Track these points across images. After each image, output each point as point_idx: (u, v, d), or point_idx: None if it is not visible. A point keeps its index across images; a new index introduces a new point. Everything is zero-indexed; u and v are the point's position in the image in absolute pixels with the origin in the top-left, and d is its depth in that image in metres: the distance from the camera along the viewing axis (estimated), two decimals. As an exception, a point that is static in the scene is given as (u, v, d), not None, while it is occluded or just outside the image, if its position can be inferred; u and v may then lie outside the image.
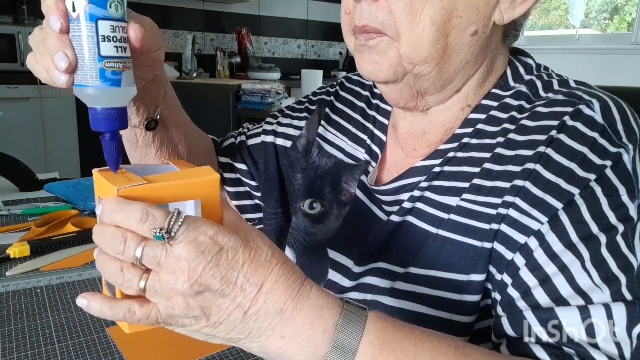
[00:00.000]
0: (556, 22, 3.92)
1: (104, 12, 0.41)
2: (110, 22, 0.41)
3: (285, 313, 0.39)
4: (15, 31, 2.73)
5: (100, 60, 0.42)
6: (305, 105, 0.77)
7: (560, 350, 0.45)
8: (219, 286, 0.37)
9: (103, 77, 0.42)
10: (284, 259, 0.41)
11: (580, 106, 0.50)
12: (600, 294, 0.45)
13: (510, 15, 0.53)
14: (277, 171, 0.75)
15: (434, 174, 0.57)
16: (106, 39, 0.41)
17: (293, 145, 0.74)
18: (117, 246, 0.37)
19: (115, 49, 0.42)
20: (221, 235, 0.37)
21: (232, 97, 2.69)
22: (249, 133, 0.79)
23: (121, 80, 0.43)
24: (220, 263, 0.37)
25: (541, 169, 0.48)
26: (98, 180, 0.41)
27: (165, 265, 0.36)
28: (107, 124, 0.44)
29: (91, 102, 0.44)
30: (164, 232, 0.36)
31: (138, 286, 0.37)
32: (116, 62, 0.42)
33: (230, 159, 0.78)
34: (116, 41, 0.42)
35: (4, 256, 0.84)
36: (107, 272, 0.38)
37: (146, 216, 0.36)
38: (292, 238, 0.70)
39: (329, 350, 0.39)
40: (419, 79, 0.55)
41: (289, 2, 4.41)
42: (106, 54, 0.42)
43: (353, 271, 0.61)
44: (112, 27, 0.42)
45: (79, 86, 0.43)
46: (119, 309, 0.38)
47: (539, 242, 0.47)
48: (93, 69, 0.42)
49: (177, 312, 0.38)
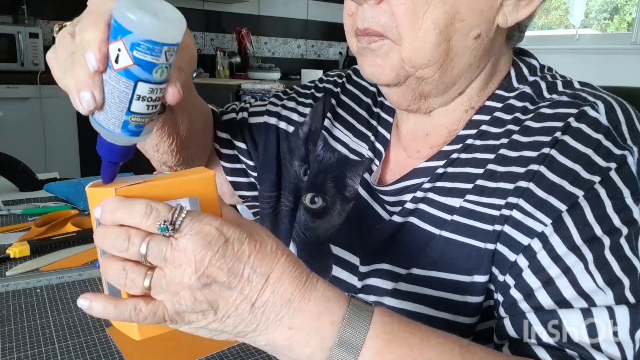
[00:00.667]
0: (556, 22, 3.92)
1: (146, 75, 0.38)
2: (150, 85, 0.38)
3: (293, 304, 0.39)
4: (15, 31, 2.72)
5: (127, 114, 0.39)
6: (312, 91, 0.76)
7: (563, 352, 0.45)
8: (225, 278, 0.37)
9: (125, 128, 0.40)
10: (289, 251, 0.41)
11: (585, 108, 0.50)
12: (603, 296, 0.45)
13: (514, 18, 0.53)
14: (276, 154, 0.74)
15: (438, 175, 0.56)
16: (141, 99, 0.39)
17: (295, 132, 0.74)
18: (121, 244, 0.36)
19: (146, 107, 0.40)
20: (226, 227, 0.37)
21: (232, 97, 2.69)
22: (252, 110, 0.77)
23: (142, 132, 0.41)
24: (227, 254, 0.37)
25: (545, 170, 0.48)
26: (92, 194, 0.40)
27: (170, 260, 0.36)
28: (111, 155, 0.42)
29: (104, 137, 0.42)
30: (168, 224, 0.35)
31: (143, 284, 0.37)
32: (143, 117, 0.40)
33: (229, 135, 0.76)
34: (150, 101, 0.40)
35: (4, 256, 0.83)
36: (110, 274, 0.37)
37: (150, 210, 0.36)
38: (294, 232, 0.69)
39: (335, 342, 0.39)
40: (421, 82, 0.54)
41: (289, 2, 4.41)
42: (136, 110, 0.39)
43: (360, 270, 0.61)
44: (151, 90, 0.39)
45: (98, 124, 0.41)
46: (124, 307, 0.37)
47: (542, 244, 0.47)
48: (118, 118, 0.39)
49: (185, 307, 0.37)
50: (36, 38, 2.78)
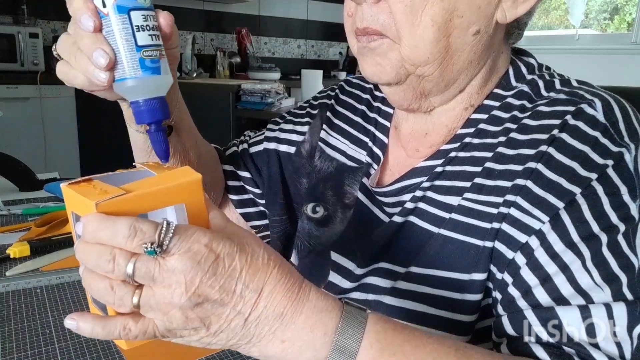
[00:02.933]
0: (556, 22, 3.92)
1: (133, 2, 0.41)
2: (142, 12, 0.42)
3: (286, 317, 0.38)
4: (15, 31, 2.72)
5: (138, 50, 0.42)
6: (307, 110, 0.77)
7: (561, 350, 0.45)
8: (218, 296, 0.36)
9: (144, 66, 0.42)
10: (281, 260, 0.40)
11: (582, 105, 0.50)
12: (601, 293, 0.45)
13: (513, 13, 0.53)
14: (281, 178, 0.75)
15: (436, 173, 0.57)
16: (140, 29, 0.42)
17: (297, 151, 0.74)
18: (105, 265, 0.34)
19: (150, 38, 0.43)
20: (216, 243, 0.36)
21: (232, 97, 2.69)
22: (251, 141, 0.79)
23: (160, 68, 0.44)
24: (218, 272, 0.36)
25: (543, 168, 0.48)
26: (69, 195, 0.37)
27: (159, 280, 0.35)
28: (152, 115, 0.44)
29: (133, 95, 0.44)
30: (155, 246, 0.34)
31: (132, 303, 0.35)
32: (153, 50, 0.43)
33: (233, 166, 0.77)
34: (150, 30, 0.43)
35: (4, 256, 0.84)
36: (96, 291, 0.36)
37: (134, 232, 0.33)
38: (298, 241, 0.69)
39: (329, 353, 0.39)
40: (422, 80, 0.55)
41: (289, 2, 4.41)
42: (143, 43, 0.42)
43: (355, 273, 0.61)
44: (144, 17, 0.42)
45: (119, 81, 0.43)
46: (113, 327, 0.36)
47: (540, 242, 0.47)
48: (133, 59, 0.42)
49: (176, 325, 0.36)
50: (36, 38, 2.78)
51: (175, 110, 0.60)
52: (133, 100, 0.44)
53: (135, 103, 0.44)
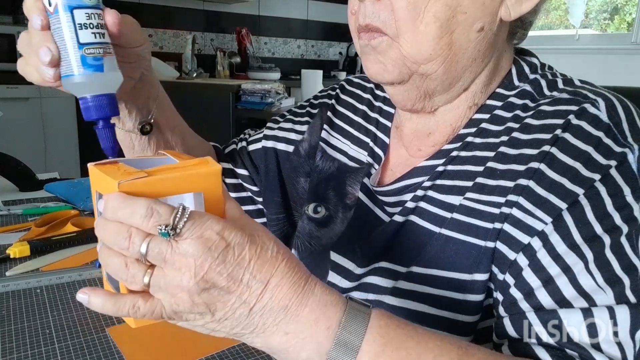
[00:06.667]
0: (556, 22, 3.92)
1: (77, 1, 0.43)
2: (85, 10, 0.44)
3: (290, 309, 0.39)
4: (15, 31, 2.72)
5: (80, 47, 0.44)
6: (307, 109, 0.77)
7: (563, 352, 0.44)
8: (225, 283, 0.37)
9: (85, 63, 0.44)
10: (289, 255, 0.40)
11: (586, 105, 0.50)
12: (603, 295, 0.44)
13: (518, 11, 0.52)
14: (278, 176, 0.75)
15: (437, 173, 0.56)
16: (83, 27, 0.44)
17: (295, 150, 0.74)
18: (121, 242, 0.36)
19: (93, 35, 0.44)
20: (228, 231, 0.37)
21: (232, 97, 2.68)
22: (250, 139, 0.79)
23: (103, 66, 0.45)
24: (227, 260, 0.37)
25: (545, 168, 0.48)
26: (95, 174, 0.40)
27: (170, 262, 0.36)
28: (98, 112, 0.46)
29: (80, 92, 0.45)
30: (169, 228, 0.35)
31: (142, 281, 0.37)
32: (96, 47, 0.44)
33: (231, 164, 0.78)
34: (93, 27, 0.44)
35: (4, 256, 0.83)
36: (111, 267, 0.38)
37: (151, 212, 0.35)
38: (298, 241, 0.69)
39: (332, 347, 0.39)
40: (425, 79, 0.54)
41: (289, 2, 4.40)
42: (85, 40, 0.44)
43: (355, 273, 0.61)
44: (87, 15, 0.44)
45: (65, 77, 0.45)
46: (123, 304, 0.38)
47: (542, 243, 0.47)
48: (75, 57, 0.44)
49: (182, 308, 0.37)
50: (36, 38, 2.78)
51: (154, 108, 0.62)
52: (81, 97, 0.46)
53: (82, 99, 0.46)
